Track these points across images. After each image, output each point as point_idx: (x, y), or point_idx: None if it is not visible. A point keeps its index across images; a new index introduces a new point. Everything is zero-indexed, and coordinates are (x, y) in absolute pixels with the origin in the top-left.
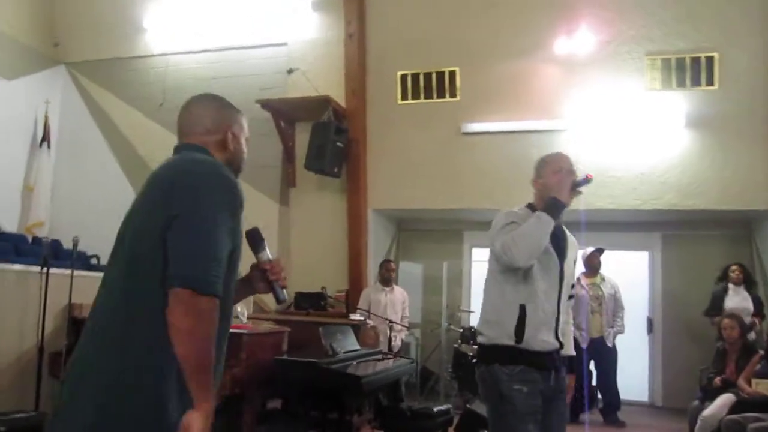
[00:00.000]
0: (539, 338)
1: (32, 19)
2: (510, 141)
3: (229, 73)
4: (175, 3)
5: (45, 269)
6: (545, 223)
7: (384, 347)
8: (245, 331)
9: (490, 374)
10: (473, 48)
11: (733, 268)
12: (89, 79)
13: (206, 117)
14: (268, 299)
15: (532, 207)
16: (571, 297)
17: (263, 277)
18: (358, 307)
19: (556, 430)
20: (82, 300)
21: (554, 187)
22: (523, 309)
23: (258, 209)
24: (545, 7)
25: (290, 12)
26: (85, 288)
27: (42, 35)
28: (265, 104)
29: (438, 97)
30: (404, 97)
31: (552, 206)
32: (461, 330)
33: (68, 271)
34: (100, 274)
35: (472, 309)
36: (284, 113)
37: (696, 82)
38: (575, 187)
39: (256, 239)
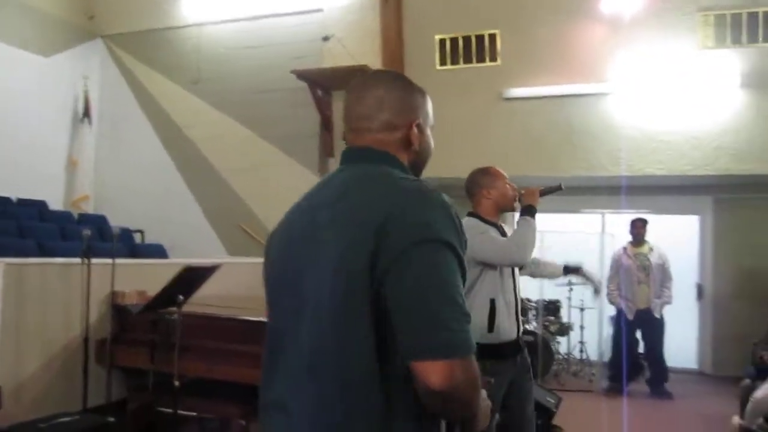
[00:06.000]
0: (503, 328)
1: None
2: (553, 106)
3: (263, 42)
4: None
5: (86, 261)
6: (534, 225)
7: None
8: None
9: None
10: (513, 9)
11: None
12: (126, 51)
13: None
14: None
15: (477, 216)
16: None
17: None
18: None
19: (522, 406)
20: (124, 287)
21: (508, 196)
22: (493, 302)
23: (296, 179)
24: None
25: None
26: (127, 275)
27: (77, 8)
28: (301, 74)
29: (478, 62)
30: (443, 62)
31: (532, 212)
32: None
33: (109, 261)
34: (143, 261)
35: None
36: (320, 83)
37: (753, 39)
38: (546, 194)
39: None
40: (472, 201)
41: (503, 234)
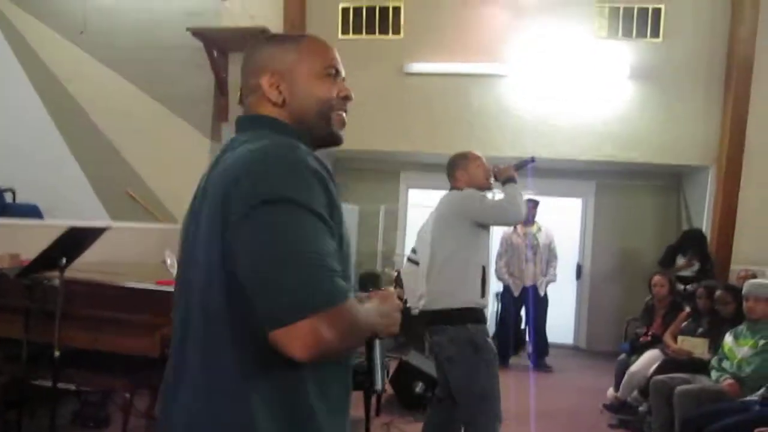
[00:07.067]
0: (485, 296)
1: None
2: (452, 83)
3: None
4: None
5: None
6: (518, 189)
7: None
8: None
9: (464, 333)
10: None
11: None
12: None
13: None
14: None
15: None
16: None
17: None
18: None
19: None
20: None
21: (483, 175)
22: (484, 270)
23: (187, 144)
24: None
25: None
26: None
27: None
28: (197, 33)
29: (380, 33)
30: (345, 31)
31: (513, 181)
32: (395, 273)
33: None
34: (17, 221)
35: (405, 253)
36: (217, 43)
37: (642, 33)
38: (521, 167)
39: None
40: (451, 182)
41: None
